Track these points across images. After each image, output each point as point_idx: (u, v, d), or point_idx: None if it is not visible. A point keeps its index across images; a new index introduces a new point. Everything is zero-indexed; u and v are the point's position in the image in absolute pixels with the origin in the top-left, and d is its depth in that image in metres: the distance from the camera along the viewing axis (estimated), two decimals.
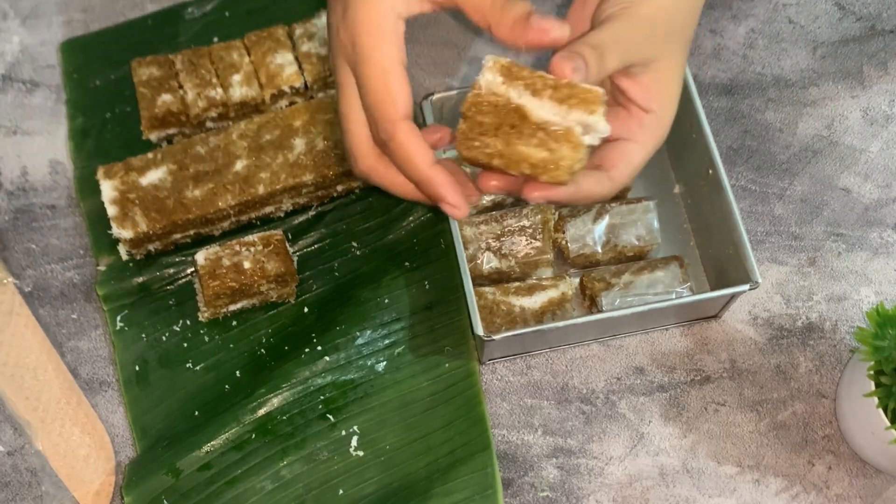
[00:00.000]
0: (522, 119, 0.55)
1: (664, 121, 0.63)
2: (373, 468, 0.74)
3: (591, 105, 0.55)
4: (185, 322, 0.78)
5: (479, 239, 0.77)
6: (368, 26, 0.56)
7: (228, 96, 0.82)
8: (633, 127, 0.62)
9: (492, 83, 0.55)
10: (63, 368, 0.77)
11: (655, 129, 0.63)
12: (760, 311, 0.79)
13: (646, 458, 0.75)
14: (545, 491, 0.74)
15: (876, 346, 0.66)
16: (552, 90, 0.55)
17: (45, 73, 0.87)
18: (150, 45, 0.87)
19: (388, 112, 0.57)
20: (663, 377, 0.77)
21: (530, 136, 0.55)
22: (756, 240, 0.81)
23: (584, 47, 0.57)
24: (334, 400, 0.75)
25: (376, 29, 0.56)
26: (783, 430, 0.75)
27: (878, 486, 0.74)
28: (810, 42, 0.88)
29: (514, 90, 0.55)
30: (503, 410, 0.76)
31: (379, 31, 0.56)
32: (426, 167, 0.58)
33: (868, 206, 0.82)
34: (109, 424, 0.76)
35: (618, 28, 0.59)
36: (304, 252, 0.81)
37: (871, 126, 0.85)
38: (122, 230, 0.77)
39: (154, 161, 0.79)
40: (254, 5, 0.89)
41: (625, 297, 0.76)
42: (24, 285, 0.80)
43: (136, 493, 0.72)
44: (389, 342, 0.77)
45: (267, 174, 0.78)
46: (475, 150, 0.56)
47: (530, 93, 0.55)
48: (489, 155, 0.56)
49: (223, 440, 0.74)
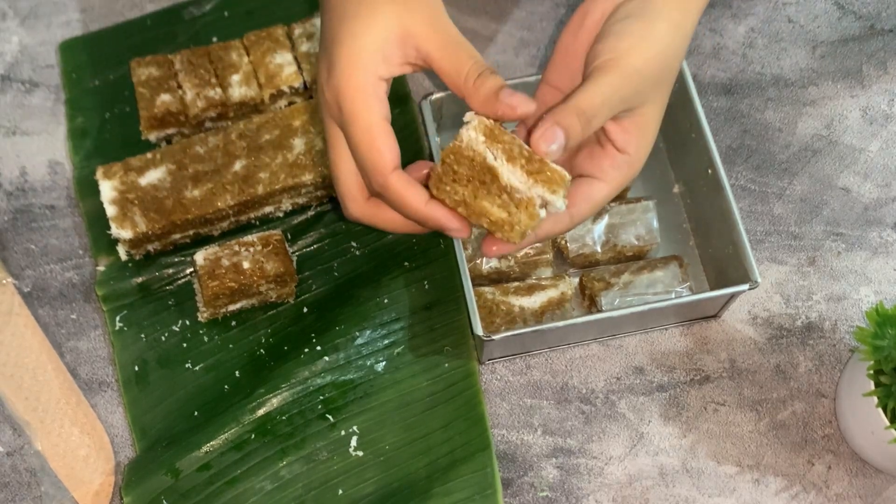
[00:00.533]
0: (492, 179, 0.58)
1: (636, 163, 0.64)
2: (372, 468, 0.74)
3: (556, 186, 0.59)
4: (185, 322, 0.78)
5: (478, 239, 0.77)
6: (352, 90, 0.60)
7: (227, 96, 0.82)
8: (605, 165, 0.63)
9: (473, 140, 0.58)
10: (62, 369, 0.77)
11: (626, 169, 0.64)
12: (760, 310, 0.79)
13: (645, 457, 0.75)
14: (545, 491, 0.74)
15: (875, 345, 0.66)
16: (525, 160, 0.59)
17: (44, 74, 0.87)
18: (150, 46, 0.87)
19: (378, 166, 0.60)
20: (663, 377, 0.77)
21: (496, 195, 0.59)
22: (755, 239, 0.81)
23: (571, 115, 0.59)
24: (334, 400, 0.75)
25: (359, 92, 0.60)
26: (783, 430, 0.75)
27: (878, 486, 0.74)
28: (810, 41, 0.88)
29: (490, 151, 0.58)
30: (503, 410, 0.76)
31: (362, 94, 0.60)
32: (422, 207, 0.60)
33: (867, 205, 0.82)
34: (109, 425, 0.76)
35: (608, 84, 0.60)
36: (303, 252, 0.81)
37: (870, 125, 0.85)
38: (121, 230, 0.77)
39: (153, 161, 0.79)
40: (253, 5, 0.89)
41: (624, 297, 0.76)
42: (24, 285, 0.80)
43: (136, 494, 0.72)
44: (389, 342, 0.77)
45: (266, 174, 0.78)
46: (445, 193, 0.60)
47: (506, 157, 0.59)
48: (456, 202, 0.60)
49: (223, 440, 0.74)
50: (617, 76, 0.60)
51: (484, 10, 0.89)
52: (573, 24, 0.66)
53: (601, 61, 0.61)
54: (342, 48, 0.60)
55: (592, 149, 0.64)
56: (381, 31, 0.60)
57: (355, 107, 0.60)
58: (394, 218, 0.63)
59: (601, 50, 0.61)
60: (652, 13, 0.62)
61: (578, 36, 0.65)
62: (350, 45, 0.60)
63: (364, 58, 0.60)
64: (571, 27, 0.66)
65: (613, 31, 0.62)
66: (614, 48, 0.61)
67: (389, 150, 0.60)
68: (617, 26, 0.62)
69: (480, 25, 0.89)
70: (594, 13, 0.65)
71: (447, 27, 0.61)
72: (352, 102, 0.60)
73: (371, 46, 0.60)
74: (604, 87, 0.60)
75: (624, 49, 0.61)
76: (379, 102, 0.60)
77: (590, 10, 0.65)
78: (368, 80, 0.60)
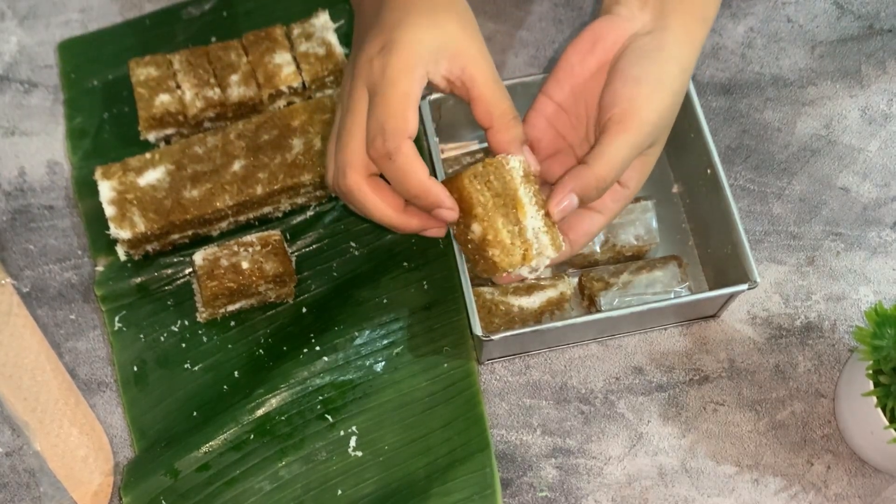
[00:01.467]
0: (515, 209, 0.64)
1: (633, 194, 0.69)
2: (371, 468, 0.74)
3: (551, 249, 0.65)
4: (184, 322, 0.78)
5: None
6: (403, 63, 0.63)
7: (226, 96, 0.82)
8: (607, 199, 0.67)
9: (515, 170, 0.64)
10: (61, 369, 0.77)
11: (623, 202, 0.68)
12: (759, 310, 0.79)
13: (644, 457, 0.75)
14: (544, 491, 0.74)
15: (874, 345, 0.66)
16: (545, 212, 0.65)
17: (42, 74, 0.87)
18: (148, 46, 0.87)
19: (399, 129, 0.62)
20: (662, 377, 0.77)
21: (509, 221, 0.64)
22: (755, 239, 0.81)
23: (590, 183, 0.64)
24: (333, 400, 0.75)
25: (408, 67, 0.63)
26: (782, 430, 0.75)
27: (877, 486, 0.74)
28: (809, 41, 0.88)
29: (524, 188, 0.64)
30: (502, 410, 0.76)
31: (410, 69, 0.63)
32: (426, 178, 0.63)
33: (866, 205, 0.82)
34: (108, 425, 0.76)
35: (625, 144, 0.64)
36: (302, 252, 0.81)
37: (869, 125, 0.85)
38: (120, 230, 0.77)
39: (152, 161, 0.79)
40: (251, 5, 0.89)
41: (623, 297, 0.76)
42: (23, 286, 0.80)
43: (135, 494, 0.72)
44: (388, 342, 0.77)
45: (265, 174, 0.78)
46: (474, 187, 0.64)
47: (533, 201, 0.65)
48: (478, 201, 0.64)
49: (222, 441, 0.74)
50: (634, 133, 0.64)
51: (483, 10, 0.89)
52: (582, 45, 0.68)
53: (618, 112, 0.64)
54: (404, 31, 0.64)
55: None
56: (441, 37, 0.64)
57: (401, 75, 0.63)
58: (381, 205, 0.65)
59: (618, 97, 0.64)
60: (666, 55, 0.65)
61: (587, 60, 0.68)
62: (412, 35, 0.63)
63: (422, 51, 0.63)
64: (579, 47, 0.68)
65: (631, 76, 0.65)
66: (631, 97, 0.64)
67: (413, 121, 0.63)
68: (633, 70, 0.65)
69: (479, 26, 0.88)
70: (605, 40, 0.67)
71: (492, 63, 0.66)
72: (399, 71, 0.63)
73: (430, 45, 0.64)
74: (622, 149, 0.64)
75: (641, 100, 0.64)
76: (420, 83, 0.63)
77: (601, 35, 0.67)
78: (419, 66, 0.63)
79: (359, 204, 0.66)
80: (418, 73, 0.63)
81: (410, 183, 0.63)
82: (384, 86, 0.63)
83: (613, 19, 0.67)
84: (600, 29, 0.67)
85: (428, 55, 0.64)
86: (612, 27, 0.67)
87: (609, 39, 0.67)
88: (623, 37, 0.67)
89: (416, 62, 0.63)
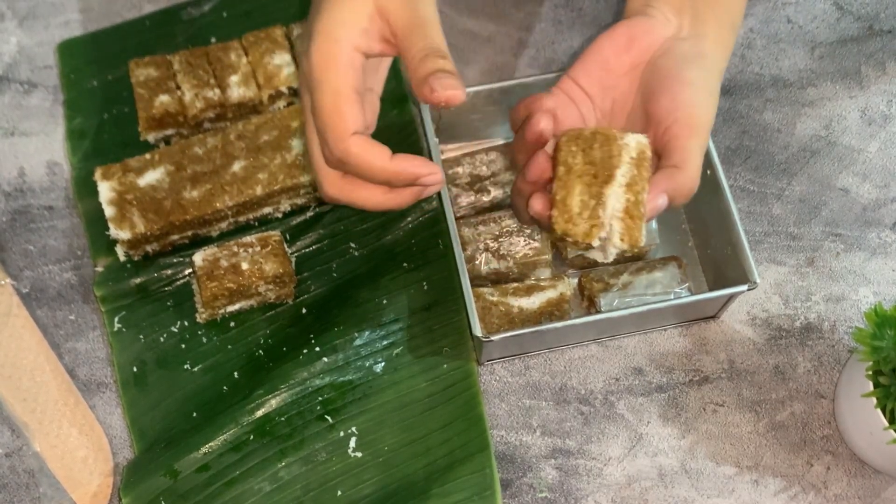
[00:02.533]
0: (602, 182, 0.62)
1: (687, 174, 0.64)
2: (371, 469, 0.74)
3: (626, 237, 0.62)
4: (183, 323, 0.78)
5: (477, 240, 0.77)
6: (324, 58, 0.60)
7: (226, 97, 0.82)
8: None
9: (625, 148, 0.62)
10: (61, 370, 0.77)
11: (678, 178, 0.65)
12: (759, 311, 0.79)
13: (644, 458, 0.75)
14: (544, 492, 0.74)
15: (874, 346, 0.66)
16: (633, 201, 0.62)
17: (42, 74, 0.87)
18: (148, 46, 0.87)
19: (338, 129, 0.60)
20: (662, 378, 0.77)
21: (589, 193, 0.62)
22: (754, 240, 0.81)
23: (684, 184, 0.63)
24: (333, 401, 0.75)
25: (332, 60, 0.60)
26: (782, 431, 0.75)
27: (877, 487, 0.74)
28: (808, 42, 0.88)
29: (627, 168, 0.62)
30: (502, 411, 0.76)
31: (334, 62, 0.60)
32: (387, 162, 0.60)
33: (866, 206, 0.82)
34: (107, 426, 0.76)
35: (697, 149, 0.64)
36: (302, 253, 0.81)
37: (869, 126, 0.85)
38: (119, 231, 0.77)
39: (152, 162, 0.79)
40: (251, 6, 0.89)
41: (623, 298, 0.76)
42: (22, 286, 0.80)
43: (135, 495, 0.72)
44: (388, 343, 0.77)
45: (265, 175, 0.78)
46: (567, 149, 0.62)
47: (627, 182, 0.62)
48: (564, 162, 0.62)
49: (221, 441, 0.74)
50: (703, 137, 0.64)
51: (482, 12, 0.89)
52: (617, 41, 0.67)
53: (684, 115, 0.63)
54: (321, 20, 0.61)
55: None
56: (359, 4, 0.61)
57: (325, 74, 0.60)
58: (368, 194, 0.63)
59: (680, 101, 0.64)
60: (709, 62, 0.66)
61: (622, 57, 0.67)
62: (328, 17, 0.61)
63: (340, 30, 0.60)
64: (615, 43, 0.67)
65: (686, 81, 0.64)
66: (693, 102, 0.64)
67: (352, 116, 0.60)
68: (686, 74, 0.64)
69: (479, 27, 0.89)
70: (641, 41, 0.67)
71: (422, 11, 0.62)
72: (323, 70, 0.60)
73: (349, 19, 0.60)
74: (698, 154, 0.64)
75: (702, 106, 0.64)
76: (352, 71, 0.60)
77: (637, 35, 0.67)
78: (343, 49, 0.60)
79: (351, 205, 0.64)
80: (344, 61, 0.60)
81: (376, 173, 0.61)
82: (313, 87, 0.61)
83: (649, 21, 0.67)
84: (636, 28, 0.67)
85: (351, 31, 0.61)
86: (648, 29, 0.67)
87: (645, 41, 0.67)
88: (659, 40, 0.67)
89: (339, 50, 0.60)
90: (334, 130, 0.60)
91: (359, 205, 0.64)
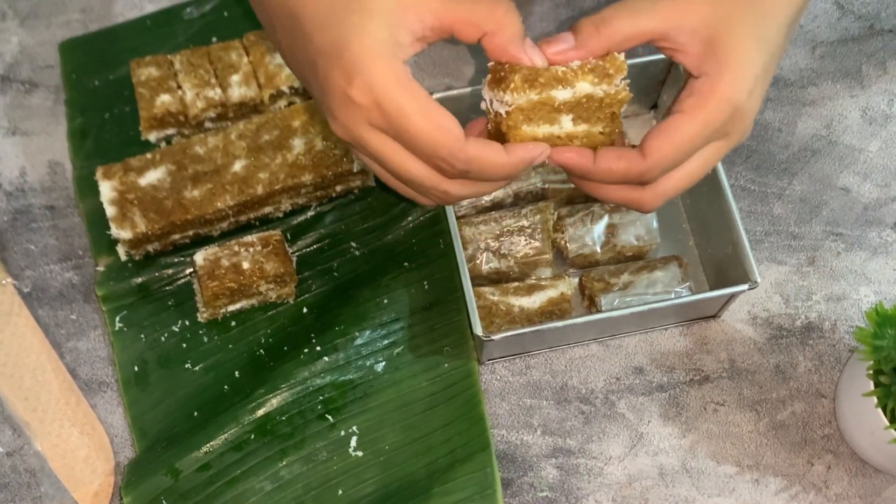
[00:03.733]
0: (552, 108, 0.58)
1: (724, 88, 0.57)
2: (372, 468, 0.74)
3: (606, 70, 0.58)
4: (184, 322, 0.78)
5: (478, 239, 0.77)
6: (390, 86, 0.55)
7: (227, 96, 0.82)
8: (682, 98, 0.58)
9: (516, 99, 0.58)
10: (62, 369, 0.77)
11: (709, 96, 0.57)
12: (759, 310, 0.79)
13: (645, 457, 0.75)
14: (544, 491, 0.74)
15: (875, 345, 0.66)
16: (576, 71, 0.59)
17: (43, 74, 0.87)
18: (149, 46, 0.87)
19: (449, 143, 0.55)
20: (662, 377, 0.77)
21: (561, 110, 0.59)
22: (755, 239, 0.81)
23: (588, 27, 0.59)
24: (333, 400, 0.75)
25: (398, 84, 0.55)
26: (782, 430, 0.75)
27: (878, 486, 0.74)
28: (809, 41, 0.88)
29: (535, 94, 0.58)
30: (502, 410, 0.76)
31: (400, 85, 0.55)
32: (506, 157, 0.57)
33: (867, 205, 0.82)
34: (108, 425, 0.76)
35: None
36: (303, 252, 0.81)
37: (870, 125, 0.85)
38: (120, 231, 0.77)
39: (153, 161, 0.79)
40: None
41: (624, 297, 0.76)
42: (23, 286, 0.80)
43: (136, 494, 0.72)
44: (389, 342, 0.77)
45: (266, 174, 0.78)
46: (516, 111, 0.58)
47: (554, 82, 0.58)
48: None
49: (222, 441, 0.74)
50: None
51: None
52: None
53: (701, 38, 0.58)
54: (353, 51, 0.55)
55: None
56: (383, 18, 0.55)
57: (402, 100, 0.55)
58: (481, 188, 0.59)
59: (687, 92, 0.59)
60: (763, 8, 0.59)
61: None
62: (360, 44, 0.55)
63: (383, 51, 0.55)
64: None
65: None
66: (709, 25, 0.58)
67: (454, 123, 0.56)
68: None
69: None
70: None
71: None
72: (396, 98, 0.54)
73: (382, 37, 0.55)
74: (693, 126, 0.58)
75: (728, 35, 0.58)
76: (417, 85, 0.56)
77: None
78: (398, 68, 0.55)
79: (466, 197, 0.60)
80: (406, 79, 0.55)
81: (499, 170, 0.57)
82: (398, 119, 0.55)
83: None
84: None
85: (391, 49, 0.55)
86: None
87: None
88: None
89: (395, 70, 0.55)
90: (445, 146, 0.55)
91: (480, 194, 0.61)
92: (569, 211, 0.79)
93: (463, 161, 0.56)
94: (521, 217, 0.77)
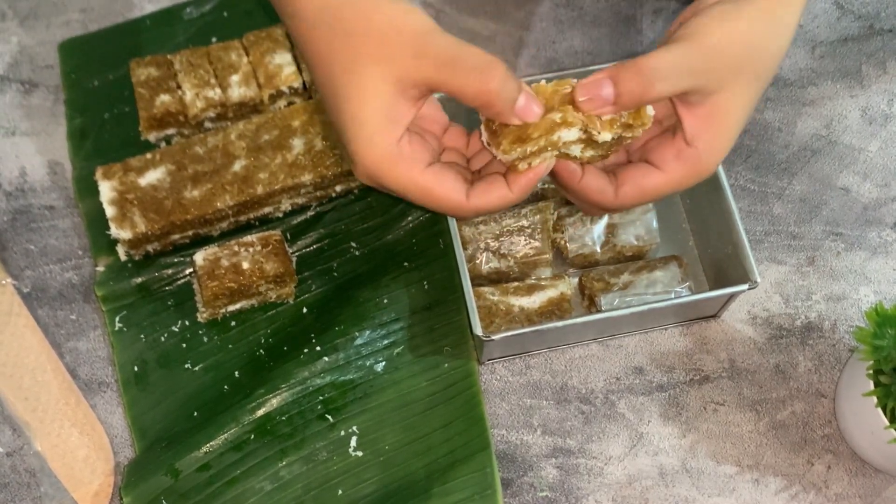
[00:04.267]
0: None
1: (704, 163, 0.60)
2: (372, 468, 0.74)
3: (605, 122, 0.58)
4: (184, 322, 0.78)
5: (477, 239, 0.77)
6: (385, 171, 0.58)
7: (227, 96, 0.82)
8: (668, 155, 0.60)
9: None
10: (62, 369, 0.77)
11: (690, 166, 0.60)
12: (759, 310, 0.79)
13: (645, 457, 0.75)
14: (544, 491, 0.74)
15: (875, 345, 0.66)
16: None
17: (43, 74, 0.87)
18: (149, 46, 0.87)
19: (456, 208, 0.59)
20: (662, 377, 0.77)
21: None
22: (755, 239, 0.81)
23: (628, 71, 0.56)
24: (333, 400, 0.75)
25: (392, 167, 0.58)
26: (782, 430, 0.75)
27: (878, 486, 0.74)
28: (809, 41, 0.88)
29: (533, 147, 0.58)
30: (502, 410, 0.76)
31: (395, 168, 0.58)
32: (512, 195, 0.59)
33: (867, 205, 0.82)
34: (108, 425, 0.76)
35: (678, 51, 0.57)
36: (302, 252, 0.81)
37: (869, 125, 0.85)
38: (120, 231, 0.77)
39: (153, 161, 0.79)
40: (252, 5, 0.89)
41: (624, 297, 0.76)
42: (23, 286, 0.80)
43: (135, 494, 0.72)
44: (388, 342, 0.77)
45: (265, 174, 0.78)
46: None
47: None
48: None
49: (222, 441, 0.74)
50: (689, 46, 0.57)
51: (483, 11, 0.89)
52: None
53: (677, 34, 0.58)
54: (351, 135, 0.57)
55: (663, 137, 0.61)
56: (375, 98, 0.56)
57: (401, 180, 0.58)
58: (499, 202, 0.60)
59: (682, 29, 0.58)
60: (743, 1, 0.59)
61: None
62: (357, 129, 0.57)
63: (374, 136, 0.57)
64: None
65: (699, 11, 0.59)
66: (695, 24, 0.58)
67: (451, 186, 0.58)
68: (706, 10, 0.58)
69: (480, 26, 0.89)
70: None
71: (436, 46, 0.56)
72: (395, 180, 0.58)
73: (374, 120, 0.56)
74: (673, 53, 0.56)
75: (704, 24, 0.57)
76: (410, 159, 0.57)
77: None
78: (390, 150, 0.57)
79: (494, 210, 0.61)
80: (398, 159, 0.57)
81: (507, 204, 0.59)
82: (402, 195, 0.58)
83: None
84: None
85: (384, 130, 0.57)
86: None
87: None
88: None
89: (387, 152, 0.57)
90: (449, 208, 0.59)
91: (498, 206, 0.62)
92: (568, 211, 0.79)
93: (470, 213, 0.59)
94: (520, 217, 0.77)
